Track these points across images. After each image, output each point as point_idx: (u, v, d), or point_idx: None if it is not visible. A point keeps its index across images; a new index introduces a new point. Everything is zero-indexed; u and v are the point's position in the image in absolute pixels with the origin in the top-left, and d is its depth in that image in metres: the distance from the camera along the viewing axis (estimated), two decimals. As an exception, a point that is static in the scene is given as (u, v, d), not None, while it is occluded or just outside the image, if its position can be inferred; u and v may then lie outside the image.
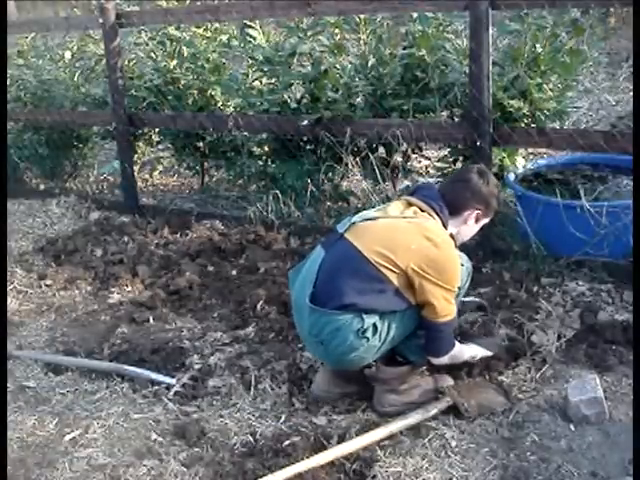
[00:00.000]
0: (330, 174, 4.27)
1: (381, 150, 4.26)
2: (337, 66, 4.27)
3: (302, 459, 2.33)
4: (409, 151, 4.41)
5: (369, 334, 2.42)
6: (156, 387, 2.87)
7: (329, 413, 2.62)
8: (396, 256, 2.41)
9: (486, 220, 2.71)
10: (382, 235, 2.49)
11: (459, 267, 2.50)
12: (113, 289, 3.83)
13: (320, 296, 2.46)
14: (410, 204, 2.59)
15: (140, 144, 5.54)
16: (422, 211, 2.55)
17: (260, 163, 4.78)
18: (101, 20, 4.69)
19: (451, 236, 2.58)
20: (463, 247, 2.72)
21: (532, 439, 2.40)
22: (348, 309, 2.41)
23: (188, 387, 2.85)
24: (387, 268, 2.41)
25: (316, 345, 2.53)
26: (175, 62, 4.91)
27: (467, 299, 2.60)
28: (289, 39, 4.40)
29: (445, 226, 2.57)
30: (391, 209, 2.59)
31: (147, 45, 5.12)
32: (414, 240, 2.44)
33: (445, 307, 2.43)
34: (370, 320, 2.41)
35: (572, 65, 3.73)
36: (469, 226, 2.66)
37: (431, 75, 3.94)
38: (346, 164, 4.03)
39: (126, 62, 5.13)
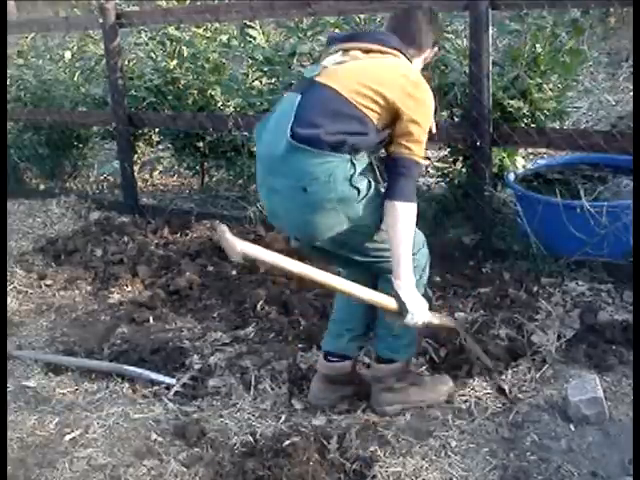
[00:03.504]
0: (330, 174, 4.26)
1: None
2: (337, 66, 4.26)
3: (302, 459, 2.32)
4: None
5: (361, 186, 2.26)
6: (156, 387, 2.87)
7: (329, 413, 2.61)
8: (384, 89, 2.26)
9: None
10: (361, 73, 2.30)
11: (433, 107, 2.41)
12: (113, 289, 3.83)
13: (302, 135, 2.21)
14: (369, 50, 2.37)
15: (140, 144, 5.53)
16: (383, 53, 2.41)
17: (260, 163, 4.78)
18: (101, 20, 4.69)
19: None
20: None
21: (532, 439, 2.40)
22: (337, 149, 2.21)
23: (188, 387, 2.85)
24: (368, 107, 2.25)
25: (295, 194, 2.25)
26: (175, 62, 4.91)
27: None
28: (289, 39, 4.40)
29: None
30: (351, 55, 2.39)
31: (147, 45, 5.12)
32: (394, 76, 2.31)
33: (420, 148, 2.33)
34: (360, 168, 2.26)
35: (572, 65, 3.73)
36: (421, 64, 2.58)
37: (431, 75, 3.94)
38: (346, 164, 4.01)
39: (126, 62, 5.12)
